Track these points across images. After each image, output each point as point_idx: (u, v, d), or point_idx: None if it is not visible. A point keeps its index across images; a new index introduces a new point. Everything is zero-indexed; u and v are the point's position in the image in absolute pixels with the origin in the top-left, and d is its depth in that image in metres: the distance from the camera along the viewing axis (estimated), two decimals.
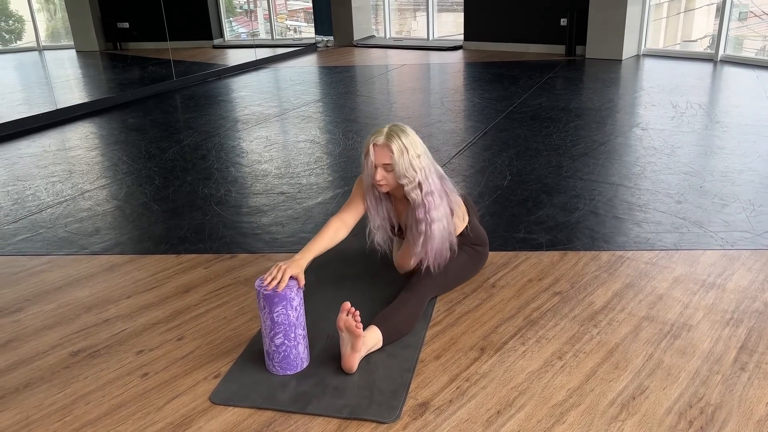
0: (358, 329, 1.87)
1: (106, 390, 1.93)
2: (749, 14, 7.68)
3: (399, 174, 2.09)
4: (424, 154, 2.14)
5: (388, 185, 2.15)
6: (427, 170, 2.12)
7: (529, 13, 8.42)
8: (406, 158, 2.07)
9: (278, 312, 1.86)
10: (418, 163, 2.09)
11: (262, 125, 5.19)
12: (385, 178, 2.12)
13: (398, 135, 2.09)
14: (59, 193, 3.76)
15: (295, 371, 1.94)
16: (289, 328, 1.89)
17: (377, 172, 2.11)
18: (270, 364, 1.95)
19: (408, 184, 2.11)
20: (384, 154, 2.08)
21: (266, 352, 1.95)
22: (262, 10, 11.31)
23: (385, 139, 2.09)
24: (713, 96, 5.65)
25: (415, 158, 2.09)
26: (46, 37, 10.54)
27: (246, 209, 3.35)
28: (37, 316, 2.38)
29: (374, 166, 2.11)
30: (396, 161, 2.07)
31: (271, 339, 1.90)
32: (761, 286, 2.35)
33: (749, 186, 3.34)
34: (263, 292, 1.85)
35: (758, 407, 1.73)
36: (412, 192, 2.13)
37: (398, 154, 2.06)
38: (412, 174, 2.09)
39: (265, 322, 1.89)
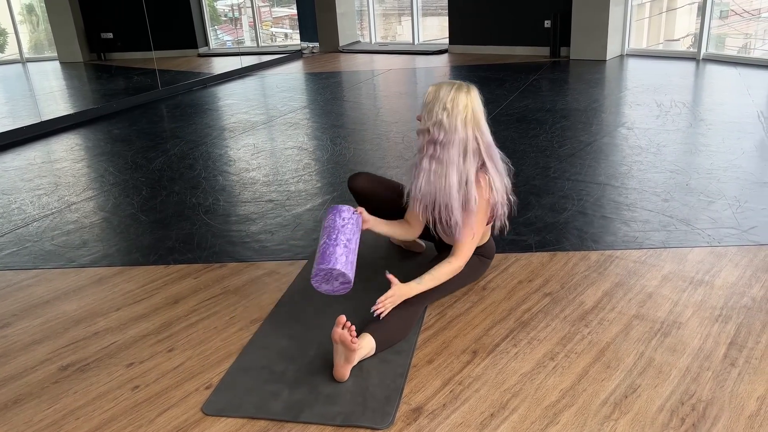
0: (354, 344, 1.86)
1: (96, 404, 1.91)
2: (730, 12, 7.77)
3: (421, 115, 2.14)
4: (456, 113, 2.06)
5: None
6: (444, 124, 2.07)
7: (513, 16, 8.47)
8: (432, 102, 2.10)
9: (328, 219, 2.09)
10: (439, 113, 2.07)
11: (249, 133, 5.17)
12: None
13: (450, 85, 2.11)
14: (45, 206, 3.73)
15: (327, 265, 1.96)
16: (333, 231, 2.05)
17: None
18: (314, 273, 2.01)
19: (420, 125, 2.15)
20: None
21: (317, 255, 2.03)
22: (247, 17, 11.29)
23: (439, 83, 2.14)
24: (697, 94, 5.70)
25: (440, 108, 2.07)
26: (29, 49, 10.46)
27: (234, 218, 3.34)
28: (25, 331, 2.36)
29: None
30: (425, 100, 2.12)
31: (317, 248, 2.05)
32: (749, 281, 2.37)
33: (734, 183, 3.37)
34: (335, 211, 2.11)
35: (749, 402, 1.75)
36: (420, 134, 2.17)
37: (428, 97, 2.12)
38: (426, 117, 2.12)
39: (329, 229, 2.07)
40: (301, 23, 10.58)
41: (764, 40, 7.63)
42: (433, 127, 2.10)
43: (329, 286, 2.04)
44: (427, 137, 2.13)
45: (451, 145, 2.09)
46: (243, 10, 11.31)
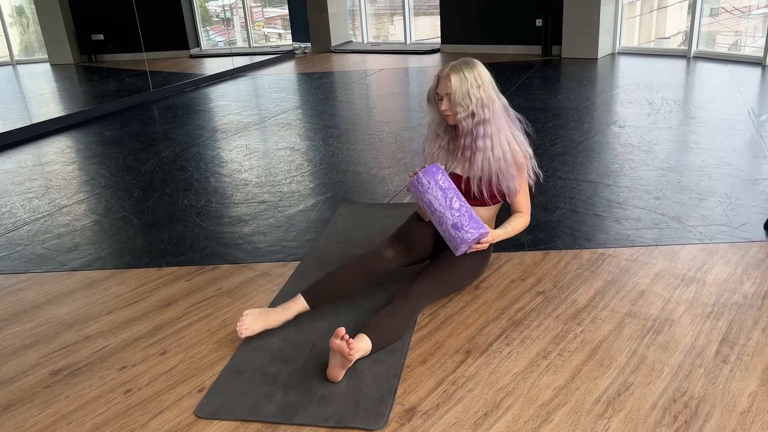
0: (351, 356, 1.85)
1: (88, 408, 1.90)
2: (720, 10, 7.81)
3: (455, 102, 2.16)
4: (487, 85, 2.19)
5: (453, 115, 2.21)
6: (485, 100, 2.17)
7: (505, 15, 8.49)
8: (464, 87, 2.14)
9: (442, 179, 2.12)
10: (476, 92, 2.15)
11: (242, 134, 5.16)
12: (449, 107, 2.19)
13: (461, 67, 2.16)
14: (36, 209, 3.71)
15: (483, 229, 2.09)
16: (456, 191, 2.12)
17: (443, 102, 2.19)
18: (459, 238, 2.07)
19: (461, 112, 2.17)
20: (445, 84, 2.18)
21: (451, 232, 2.08)
22: (238, 18, 11.27)
23: (449, 70, 2.17)
24: (688, 92, 5.73)
25: (474, 88, 2.15)
26: (20, 51, 10.39)
27: (227, 219, 3.33)
28: (15, 335, 2.34)
29: (440, 96, 2.20)
30: (453, 90, 2.14)
31: (449, 208, 2.08)
32: (740, 278, 2.38)
33: (725, 180, 3.39)
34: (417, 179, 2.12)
35: (741, 399, 1.75)
36: (464, 120, 2.19)
37: (456, 83, 2.14)
38: (466, 103, 2.15)
39: (435, 201, 2.09)
40: (292, 23, 10.56)
41: (754, 37, 7.67)
42: (478, 108, 2.17)
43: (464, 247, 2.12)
44: (473, 121, 2.19)
45: (496, 116, 2.21)
46: (234, 11, 11.28)
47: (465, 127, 2.20)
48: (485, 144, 2.20)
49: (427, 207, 2.15)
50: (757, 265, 2.47)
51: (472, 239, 2.09)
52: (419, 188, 2.15)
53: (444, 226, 2.11)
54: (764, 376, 1.84)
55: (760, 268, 2.44)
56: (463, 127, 2.21)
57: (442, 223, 2.12)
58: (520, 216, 2.36)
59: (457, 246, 2.10)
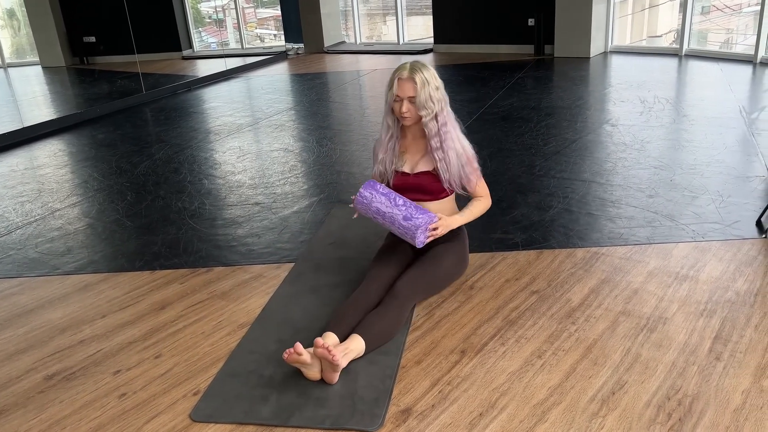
0: (335, 361, 1.85)
1: (83, 413, 1.89)
2: (712, 8, 7.84)
3: (420, 105, 2.22)
4: (442, 86, 2.29)
5: (412, 118, 2.27)
6: (443, 102, 2.28)
7: (497, 15, 8.50)
8: (427, 90, 2.21)
9: (380, 188, 2.25)
10: (437, 94, 2.24)
11: (235, 136, 5.15)
12: (410, 110, 2.24)
13: (420, 69, 2.23)
14: (28, 213, 3.69)
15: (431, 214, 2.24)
16: (396, 193, 2.26)
17: (404, 104, 2.23)
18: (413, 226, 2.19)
19: (427, 116, 2.24)
20: (409, 87, 2.22)
21: (404, 224, 2.19)
22: (231, 19, 11.24)
23: (410, 72, 2.22)
24: (680, 90, 5.76)
25: (434, 90, 2.23)
26: (11, 54, 10.34)
27: (221, 221, 3.32)
28: (9, 340, 2.33)
29: (400, 99, 2.24)
30: (418, 92, 2.20)
31: (395, 206, 2.21)
32: (732, 276, 2.39)
33: (717, 178, 3.40)
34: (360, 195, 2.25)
35: (734, 396, 1.76)
36: (430, 123, 2.26)
37: (420, 86, 2.20)
38: (431, 106, 2.23)
39: (381, 205, 2.21)
40: (285, 24, 10.54)
41: (745, 35, 7.71)
42: (440, 110, 2.26)
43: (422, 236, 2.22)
44: (438, 123, 2.27)
45: (450, 115, 2.33)
46: (227, 12, 11.25)
47: (432, 129, 2.28)
48: (454, 143, 2.31)
49: (376, 215, 2.25)
50: (750, 262, 2.48)
51: (424, 223, 2.20)
52: (364, 201, 2.26)
53: (396, 224, 2.22)
54: (757, 373, 1.85)
55: (752, 266, 2.45)
56: (429, 129, 2.28)
57: (394, 221, 2.22)
58: (479, 200, 2.43)
59: (414, 235, 2.19)
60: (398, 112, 2.27)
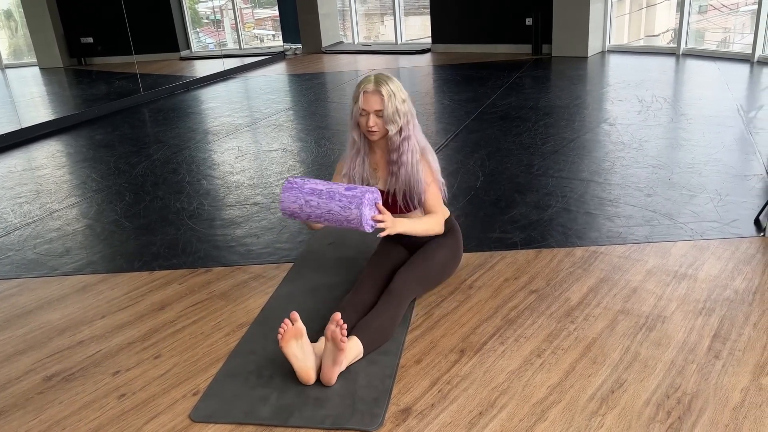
0: (343, 343, 1.85)
1: (82, 414, 1.89)
2: (709, 7, 7.86)
3: (386, 119, 2.16)
4: (408, 99, 2.23)
5: (380, 132, 2.20)
6: (409, 115, 2.22)
7: (495, 14, 8.50)
8: (394, 103, 2.15)
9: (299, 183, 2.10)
10: (403, 107, 2.19)
11: (233, 136, 5.15)
12: (377, 124, 2.18)
13: (386, 81, 2.17)
14: (27, 214, 3.69)
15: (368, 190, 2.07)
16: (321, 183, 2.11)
17: (370, 118, 2.17)
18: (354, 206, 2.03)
19: (393, 129, 2.18)
20: (375, 100, 2.15)
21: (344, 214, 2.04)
22: (228, 19, 11.23)
23: (375, 85, 2.16)
24: (677, 89, 5.76)
25: (401, 103, 2.18)
26: (8, 55, 10.32)
27: (219, 222, 3.32)
28: (8, 341, 2.33)
29: (366, 113, 2.17)
30: (385, 105, 2.14)
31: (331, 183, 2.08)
32: (731, 274, 2.40)
33: (715, 176, 3.41)
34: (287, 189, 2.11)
35: (733, 394, 1.77)
36: (394, 136, 2.21)
37: (387, 99, 2.15)
38: (396, 119, 2.17)
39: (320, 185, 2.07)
40: (283, 24, 10.54)
41: (743, 34, 7.72)
42: (405, 124, 2.20)
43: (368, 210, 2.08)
44: (400, 137, 2.21)
45: (415, 129, 2.26)
46: (225, 12, 11.25)
47: (394, 142, 2.22)
48: (409, 158, 2.23)
49: (311, 197, 2.09)
50: (748, 260, 2.49)
51: (369, 191, 2.05)
52: (294, 186, 2.11)
53: (337, 197, 2.05)
54: (756, 371, 1.85)
55: (750, 264, 2.46)
56: (392, 142, 2.22)
57: (334, 196, 2.06)
58: (429, 216, 2.31)
59: (361, 203, 2.02)
60: (364, 126, 2.19)
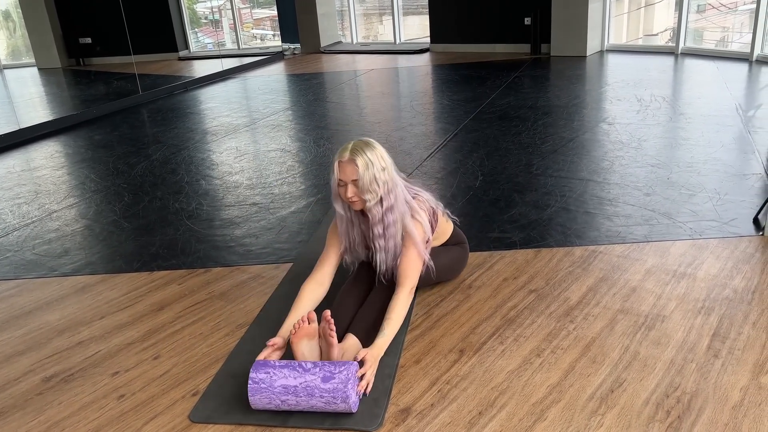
0: (332, 338, 1.86)
1: (81, 414, 1.89)
2: (707, 6, 7.86)
3: (363, 189, 2.01)
4: (390, 166, 2.08)
5: (361, 201, 2.07)
6: (390, 184, 2.07)
7: (494, 14, 8.50)
8: (371, 172, 2.01)
9: (275, 363, 1.80)
10: (382, 176, 2.03)
11: (232, 136, 5.15)
12: (356, 194, 2.04)
13: (363, 149, 2.03)
14: (25, 214, 3.68)
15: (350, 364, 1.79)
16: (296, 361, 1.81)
17: (348, 188, 2.03)
18: (340, 382, 1.73)
19: (371, 200, 2.04)
20: (351, 170, 2.02)
21: (325, 387, 1.73)
22: (227, 19, 11.23)
23: (350, 154, 2.02)
24: (676, 88, 5.76)
25: (380, 171, 2.03)
26: (7, 56, 10.31)
27: (218, 222, 3.32)
28: (6, 342, 2.32)
29: (344, 183, 2.04)
30: (360, 176, 2.00)
31: (306, 372, 1.76)
32: (730, 273, 2.40)
33: (714, 175, 3.41)
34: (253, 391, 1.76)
35: (732, 393, 1.77)
36: (374, 208, 2.07)
37: (363, 169, 2.00)
38: (375, 189, 2.02)
39: (287, 379, 1.76)
40: (281, 24, 10.54)
41: (741, 33, 7.72)
42: (385, 194, 2.05)
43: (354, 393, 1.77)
44: (382, 208, 2.07)
45: (398, 199, 2.10)
46: (223, 12, 11.24)
47: (375, 215, 2.08)
48: (395, 229, 2.11)
49: (285, 396, 1.75)
50: (747, 259, 2.49)
51: (350, 375, 1.75)
52: (262, 386, 1.76)
53: (317, 393, 1.73)
54: (755, 369, 1.85)
55: (749, 263, 2.46)
56: (373, 215, 2.08)
57: (314, 392, 1.74)
58: (397, 297, 2.06)
59: (346, 394, 1.72)
60: (344, 196, 2.05)
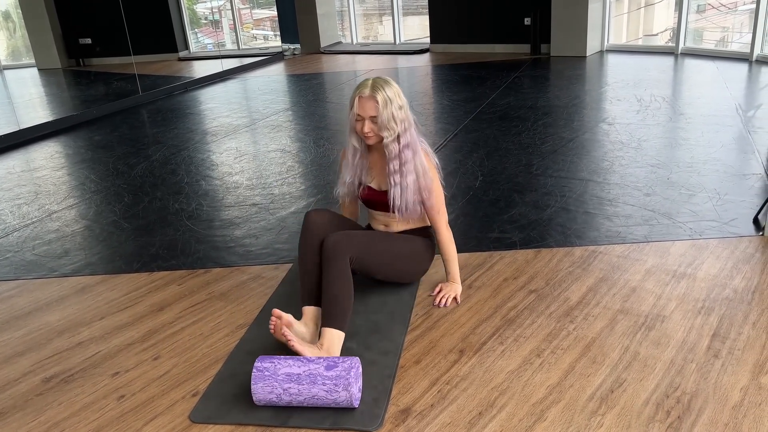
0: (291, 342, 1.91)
1: (81, 415, 1.89)
2: (707, 6, 7.86)
3: (381, 125, 2.11)
4: (406, 106, 2.18)
5: (376, 137, 2.17)
6: (407, 123, 2.17)
7: (494, 14, 8.50)
8: (390, 109, 2.10)
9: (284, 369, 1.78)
10: (400, 114, 2.13)
11: (232, 136, 5.15)
12: (373, 129, 2.14)
13: (383, 87, 2.12)
14: (26, 215, 3.68)
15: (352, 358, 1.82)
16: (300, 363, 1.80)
17: (366, 124, 2.13)
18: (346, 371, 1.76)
19: (388, 137, 2.14)
20: (370, 106, 2.11)
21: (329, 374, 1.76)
22: (227, 20, 11.23)
23: (371, 91, 2.11)
24: (676, 88, 5.76)
25: (398, 110, 2.12)
26: (7, 56, 10.31)
27: (218, 222, 3.32)
28: (6, 343, 2.32)
29: (361, 118, 2.13)
30: (380, 112, 2.09)
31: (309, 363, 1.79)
32: (730, 273, 2.40)
33: (714, 176, 3.41)
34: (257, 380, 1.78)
35: (732, 393, 1.77)
36: (391, 144, 2.16)
37: (382, 106, 2.09)
38: (393, 126, 2.12)
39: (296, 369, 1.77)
40: (281, 25, 10.54)
41: (741, 33, 7.72)
42: (403, 131, 2.15)
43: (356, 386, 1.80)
44: (399, 145, 2.16)
45: (413, 136, 2.20)
46: (223, 13, 11.24)
47: (392, 151, 2.17)
48: (413, 167, 2.20)
49: (288, 384, 1.76)
50: (747, 259, 2.49)
51: (353, 365, 1.78)
52: (266, 373, 1.78)
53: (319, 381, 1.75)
54: (755, 370, 1.85)
55: (749, 263, 2.46)
56: (390, 150, 2.17)
57: (316, 379, 1.75)
58: (443, 236, 2.31)
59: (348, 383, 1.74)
60: (360, 131, 2.16)
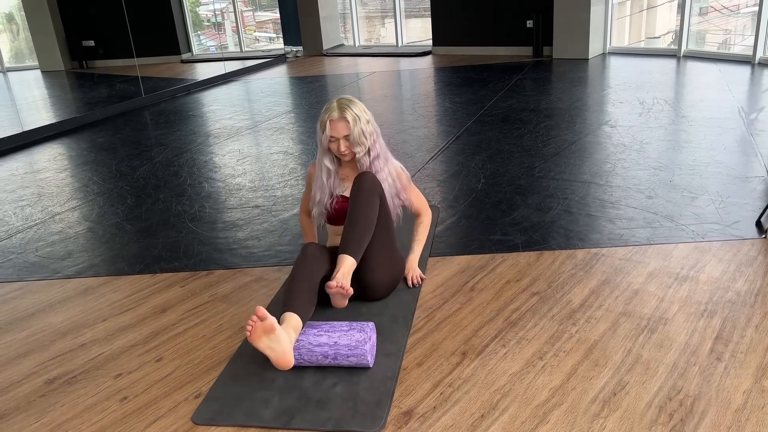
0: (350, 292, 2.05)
1: (84, 417, 1.89)
2: (709, 9, 7.86)
3: (353, 142, 2.22)
4: (372, 119, 2.29)
5: (351, 153, 2.27)
6: (375, 135, 2.28)
7: (496, 16, 8.52)
8: (359, 126, 2.21)
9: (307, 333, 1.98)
10: (368, 128, 2.25)
11: (234, 139, 5.16)
12: (348, 147, 2.25)
13: (349, 106, 2.23)
14: (29, 217, 3.69)
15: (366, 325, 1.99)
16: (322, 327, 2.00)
17: (341, 143, 2.23)
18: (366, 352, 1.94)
19: (360, 152, 2.25)
20: (342, 126, 2.21)
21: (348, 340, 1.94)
22: (230, 22, 11.26)
23: (339, 112, 2.21)
24: (678, 91, 5.76)
25: (366, 124, 2.24)
26: (10, 58, 10.35)
27: (221, 224, 3.32)
28: (9, 344, 2.33)
29: (336, 139, 2.23)
30: (351, 130, 2.21)
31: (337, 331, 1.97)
32: (733, 276, 2.39)
33: (717, 178, 3.41)
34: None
35: (735, 396, 1.76)
36: (362, 158, 2.27)
37: (353, 123, 2.20)
38: (363, 141, 2.23)
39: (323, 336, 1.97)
40: (284, 27, 10.56)
41: (743, 35, 7.72)
42: (372, 144, 2.28)
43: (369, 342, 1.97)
44: (370, 158, 2.28)
45: (382, 146, 2.33)
46: (226, 15, 11.27)
47: (364, 164, 2.29)
48: (386, 174, 2.32)
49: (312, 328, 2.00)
50: (750, 262, 2.49)
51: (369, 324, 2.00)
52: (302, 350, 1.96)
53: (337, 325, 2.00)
54: (758, 373, 1.85)
55: (752, 266, 2.46)
56: (362, 164, 2.29)
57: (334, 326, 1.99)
58: (421, 223, 2.52)
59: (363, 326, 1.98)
60: (337, 151, 2.26)
